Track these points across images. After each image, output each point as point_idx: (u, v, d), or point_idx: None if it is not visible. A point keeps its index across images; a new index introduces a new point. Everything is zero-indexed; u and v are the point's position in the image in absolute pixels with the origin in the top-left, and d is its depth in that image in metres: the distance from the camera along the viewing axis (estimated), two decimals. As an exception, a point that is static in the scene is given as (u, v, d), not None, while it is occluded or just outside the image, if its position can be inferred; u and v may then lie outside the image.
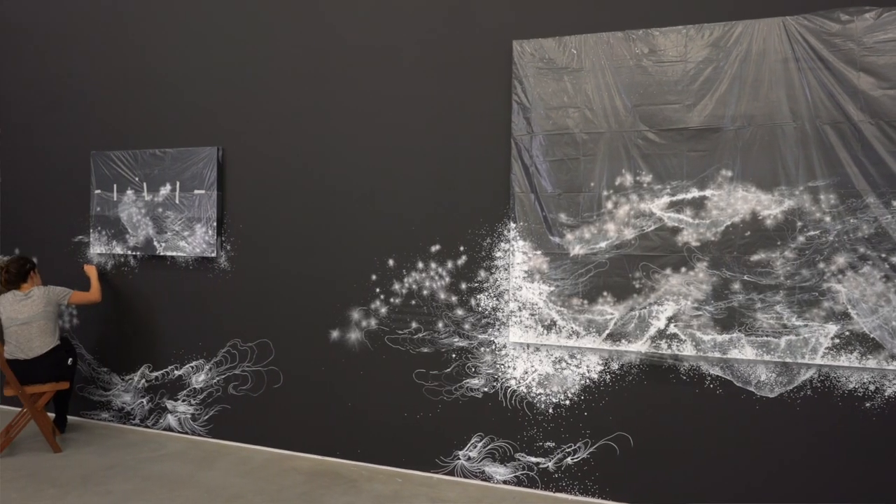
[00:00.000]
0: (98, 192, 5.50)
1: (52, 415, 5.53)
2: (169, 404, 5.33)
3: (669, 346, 3.94)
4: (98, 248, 5.52)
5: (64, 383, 5.09)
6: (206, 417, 5.19)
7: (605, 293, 4.05)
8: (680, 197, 3.92)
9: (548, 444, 4.27)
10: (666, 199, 3.94)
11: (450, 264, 4.48)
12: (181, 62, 5.30)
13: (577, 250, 4.11)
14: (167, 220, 5.24)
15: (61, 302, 5.12)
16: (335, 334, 4.79)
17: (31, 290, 5.05)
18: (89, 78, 5.64)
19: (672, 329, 3.93)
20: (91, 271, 5.46)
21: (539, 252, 4.18)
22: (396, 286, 4.62)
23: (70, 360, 5.17)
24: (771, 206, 3.76)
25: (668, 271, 3.94)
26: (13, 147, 5.97)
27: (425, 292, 4.54)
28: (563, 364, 4.23)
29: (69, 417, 5.59)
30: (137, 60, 5.46)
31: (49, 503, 4.02)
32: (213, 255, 5.10)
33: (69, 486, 4.29)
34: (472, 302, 4.42)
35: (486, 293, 4.38)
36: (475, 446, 4.44)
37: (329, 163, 4.82)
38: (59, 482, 4.34)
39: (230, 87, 5.12)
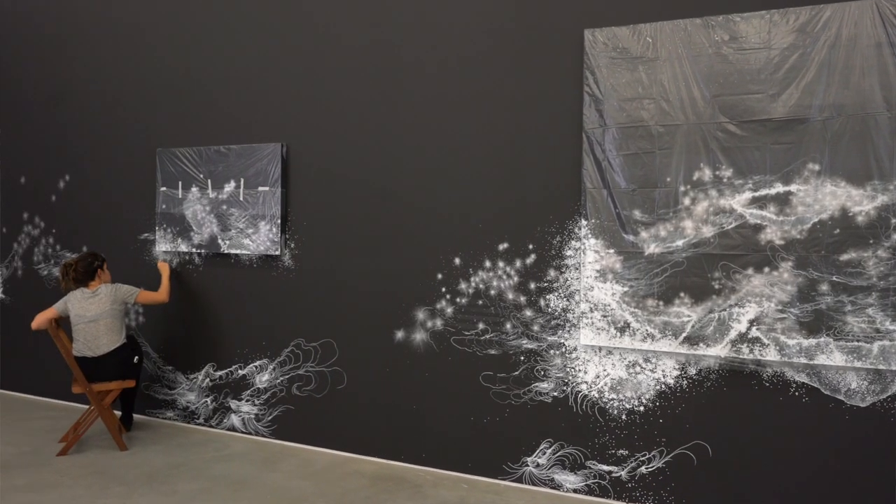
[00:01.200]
0: (163, 189, 5.83)
1: (118, 412, 5.88)
2: (233, 404, 5.61)
3: (751, 351, 3.96)
4: (163, 245, 5.85)
5: (130, 381, 5.40)
6: (270, 418, 5.45)
7: (682, 294, 4.10)
8: (763, 192, 3.94)
9: (621, 451, 4.34)
10: (748, 195, 3.96)
11: (518, 263, 4.60)
12: (246, 58, 5.57)
13: (652, 249, 4.17)
14: (231, 217, 5.52)
15: (128, 301, 5.45)
16: (400, 335, 4.97)
17: (98, 288, 5.39)
18: (154, 75, 5.98)
19: (754, 332, 3.95)
20: (164, 269, 5.79)
21: (612, 251, 4.26)
22: (463, 285, 4.76)
23: (136, 358, 5.48)
24: (862, 202, 3.75)
25: (749, 271, 3.96)
26: (80, 145, 6.38)
27: (493, 292, 4.67)
28: (637, 368, 4.29)
29: (135, 416, 5.94)
30: (202, 56, 5.76)
31: (116, 501, 4.31)
32: (277, 253, 5.35)
33: (135, 484, 4.58)
34: (542, 302, 4.53)
35: (556, 293, 4.48)
36: (544, 453, 4.55)
37: (394, 158, 5.00)
38: (125, 480, 4.64)
39: (294, 82, 5.36)
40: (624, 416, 4.33)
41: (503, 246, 4.65)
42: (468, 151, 4.75)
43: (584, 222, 4.33)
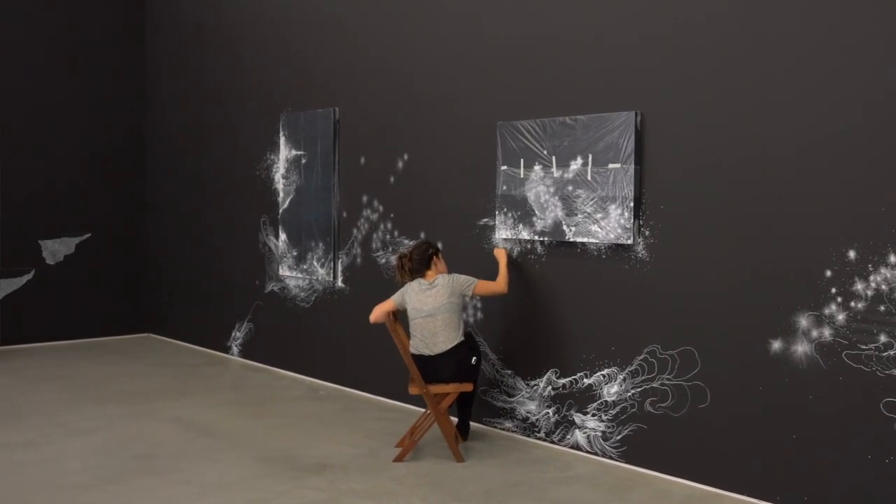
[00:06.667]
0: (504, 168, 6.60)
1: (454, 418, 6.76)
2: (577, 418, 6.21)
3: None
4: (504, 232, 6.62)
5: (468, 384, 6.21)
6: (619, 438, 5.94)
7: None
8: None
9: None
10: None
11: (934, 258, 4.56)
12: (592, 16, 6.08)
13: None
14: (578, 199, 6.09)
15: (465, 293, 6.27)
16: (776, 345, 5.15)
17: (435, 279, 6.28)
18: (492, 40, 6.77)
19: None
20: (501, 256, 6.57)
21: None
22: (859, 286, 4.81)
23: (474, 358, 6.28)
24: None
25: None
26: (418, 121, 7.43)
27: (899, 295, 4.68)
28: None
29: (471, 423, 6.78)
30: (542, 17, 6.39)
31: (451, 517, 5.14)
32: (629, 241, 5.81)
33: (471, 500, 5.32)
34: (967, 311, 4.44)
35: None
36: (968, 509, 4.46)
37: (770, 128, 5.17)
38: (461, 495, 5.41)
39: (648, 40, 5.76)
40: None
41: (914, 236, 4.64)
42: (863, 113, 4.77)
43: None
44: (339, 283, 8.32)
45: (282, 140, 8.97)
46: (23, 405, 7.61)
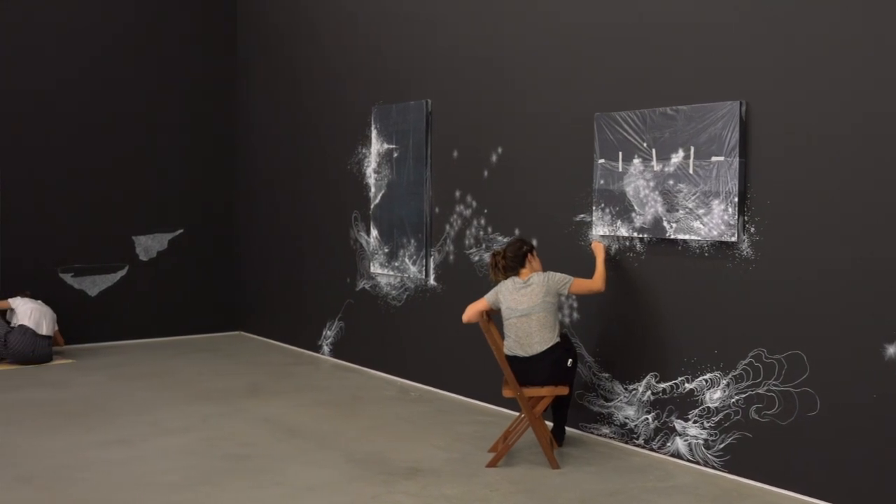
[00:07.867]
0: (601, 161, 6.58)
1: (549, 423, 6.78)
2: (678, 425, 6.15)
3: None
4: (601, 228, 6.60)
5: (563, 388, 6.22)
6: (722, 446, 5.87)
7: None
8: None
9: None
10: None
11: None
12: (697, -5, 6.05)
13: None
14: (679, 194, 6.03)
15: (561, 292, 6.28)
16: (891, 351, 5.02)
17: (530, 277, 6.30)
18: (591, 29, 6.76)
19: None
20: (598, 250, 6.56)
21: None
22: (983, 287, 4.68)
23: (570, 360, 6.29)
24: None
25: None
26: (513, 112, 7.45)
27: None
28: None
29: (567, 429, 6.78)
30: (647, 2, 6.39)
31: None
32: (733, 239, 5.73)
33: (568, 509, 5.38)
34: None
35: None
36: None
37: (883, 115, 5.05)
38: (556, 503, 5.43)
39: (753, 24, 5.67)
40: None
41: None
42: None
43: None
44: (432, 282, 8.41)
45: (373, 133, 9.09)
46: (115, 403, 7.91)
